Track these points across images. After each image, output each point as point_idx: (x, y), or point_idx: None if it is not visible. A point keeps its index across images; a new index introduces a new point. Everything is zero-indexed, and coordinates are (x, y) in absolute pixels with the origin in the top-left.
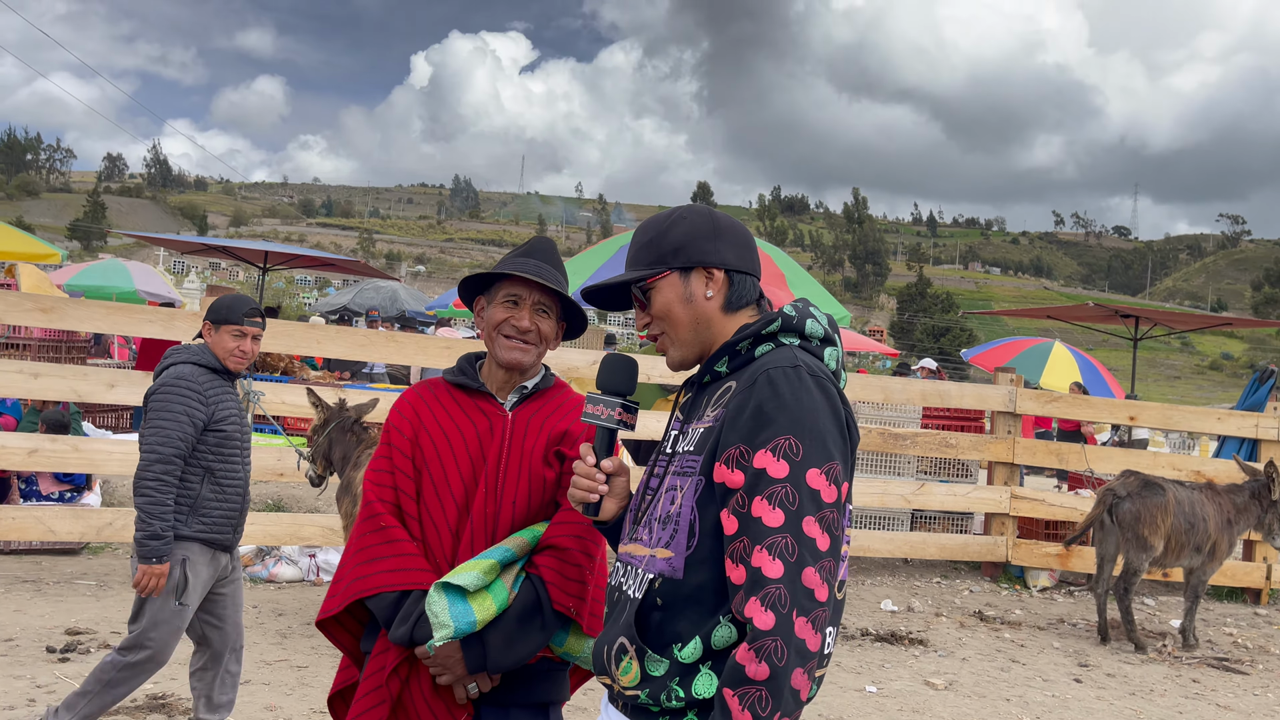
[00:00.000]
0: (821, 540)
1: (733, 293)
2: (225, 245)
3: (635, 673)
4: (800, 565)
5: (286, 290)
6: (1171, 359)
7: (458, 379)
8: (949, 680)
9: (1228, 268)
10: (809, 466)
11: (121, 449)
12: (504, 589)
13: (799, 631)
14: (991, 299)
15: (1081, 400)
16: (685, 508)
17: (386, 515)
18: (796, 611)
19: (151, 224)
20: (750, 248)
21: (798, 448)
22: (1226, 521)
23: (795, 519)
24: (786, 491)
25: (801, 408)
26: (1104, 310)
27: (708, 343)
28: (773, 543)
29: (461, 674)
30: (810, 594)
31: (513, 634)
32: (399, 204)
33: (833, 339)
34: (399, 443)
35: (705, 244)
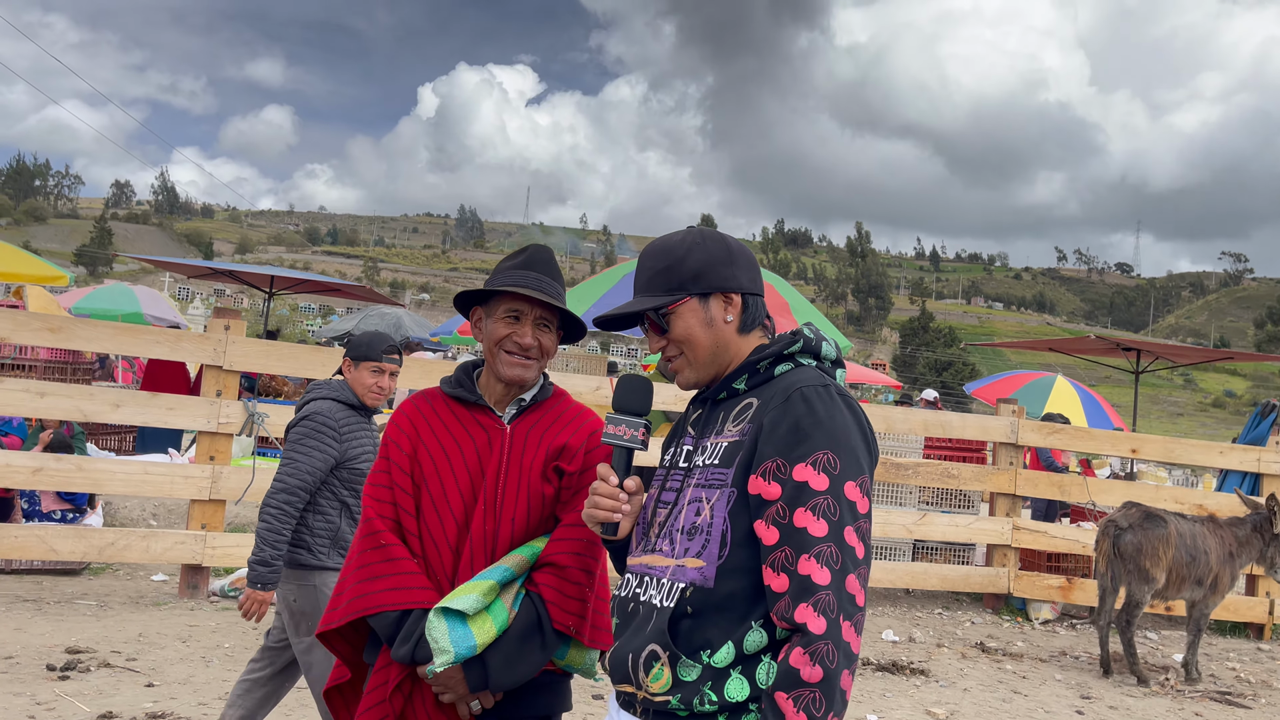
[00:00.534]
0: (859, 549)
1: (747, 315)
2: (231, 270)
3: (667, 679)
4: (844, 572)
5: (290, 318)
6: (1174, 395)
7: (455, 391)
8: (950, 710)
9: (1230, 305)
10: (846, 479)
11: (125, 469)
12: (504, 610)
13: (846, 635)
14: (994, 334)
15: (1084, 432)
16: (718, 519)
17: (387, 533)
18: (843, 616)
19: (158, 250)
20: (758, 269)
21: (835, 462)
22: (1228, 555)
23: (838, 529)
24: (828, 503)
25: (835, 424)
26: (1106, 343)
27: (723, 364)
28: (820, 551)
29: (464, 693)
30: (853, 599)
31: (513, 654)
32: (404, 233)
33: (841, 362)
34: (397, 458)
35: (724, 269)
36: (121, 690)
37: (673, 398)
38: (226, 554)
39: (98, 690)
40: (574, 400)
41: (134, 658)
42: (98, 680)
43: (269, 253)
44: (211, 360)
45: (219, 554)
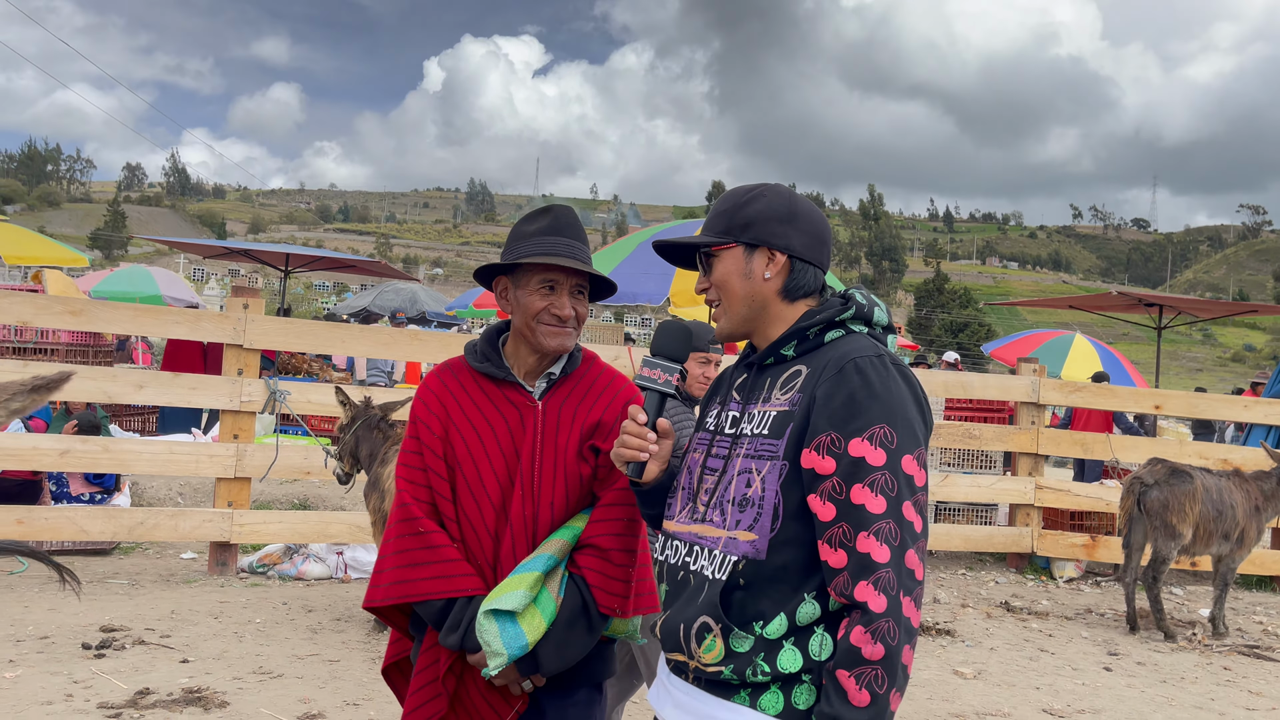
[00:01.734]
0: (917, 523)
1: (792, 280)
2: (246, 249)
3: (719, 650)
4: (903, 548)
5: (305, 296)
6: (1194, 351)
7: (483, 366)
8: (978, 669)
9: (1249, 259)
10: (904, 453)
11: (150, 449)
12: (551, 600)
13: (907, 611)
14: (1010, 293)
15: (1105, 389)
16: (769, 491)
17: (424, 519)
18: (903, 592)
19: (171, 232)
20: (823, 241)
21: (892, 436)
22: (1255, 509)
23: (896, 504)
24: (886, 479)
25: (892, 397)
26: (1128, 299)
27: (759, 323)
28: (879, 529)
29: (516, 678)
30: (912, 574)
31: (562, 641)
32: (415, 208)
33: (892, 328)
34: (429, 441)
35: (776, 226)
36: (157, 667)
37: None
38: (254, 531)
39: (133, 667)
40: (604, 365)
41: (168, 635)
42: (133, 658)
43: (281, 232)
44: (231, 339)
45: (246, 531)
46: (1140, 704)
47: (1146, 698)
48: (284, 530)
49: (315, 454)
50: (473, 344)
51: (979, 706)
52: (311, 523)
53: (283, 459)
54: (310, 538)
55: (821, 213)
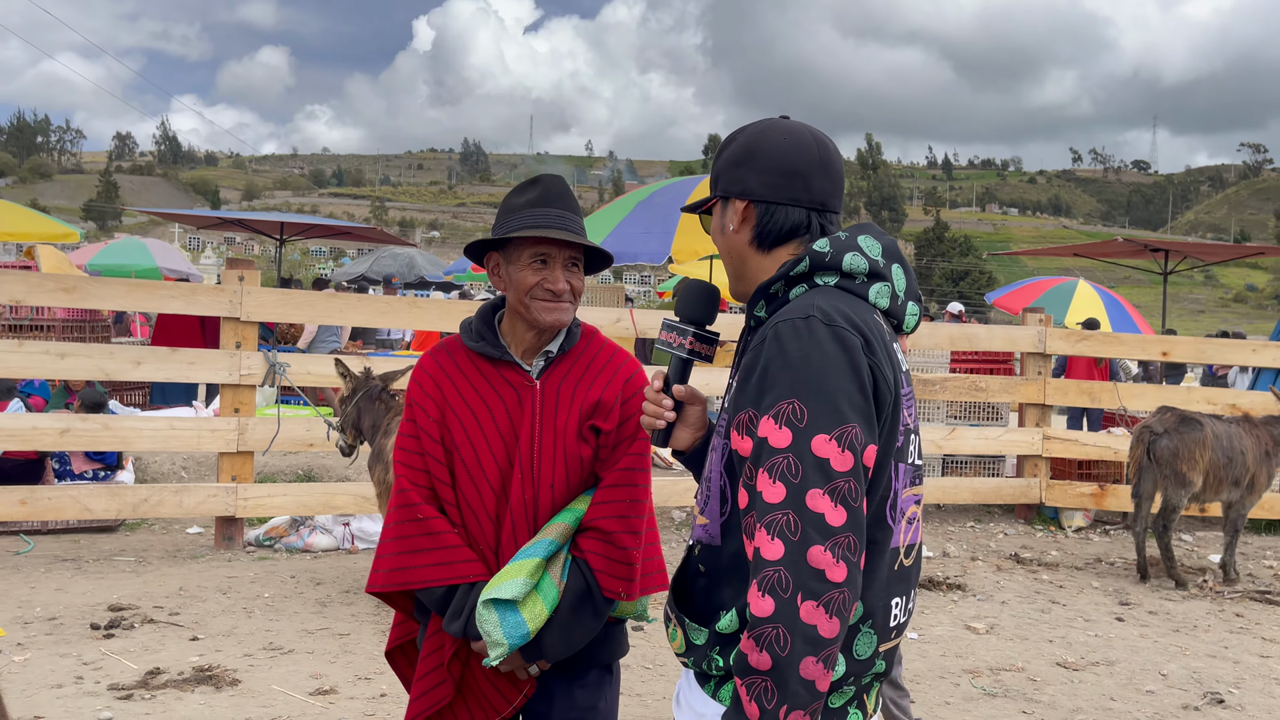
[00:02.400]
0: (833, 515)
1: (759, 226)
2: (241, 218)
3: (680, 640)
4: (805, 544)
5: (302, 262)
6: (1195, 293)
7: (478, 345)
8: (990, 624)
9: (1250, 198)
10: (816, 433)
11: (151, 426)
12: (553, 586)
13: (806, 617)
14: (1010, 240)
15: (1112, 337)
16: (715, 472)
17: (423, 505)
18: (801, 595)
19: (164, 201)
20: (795, 173)
21: (802, 412)
22: (1265, 454)
23: (798, 493)
24: (788, 462)
25: (809, 365)
26: (1133, 245)
27: (746, 280)
28: (771, 520)
29: (521, 664)
30: (819, 575)
31: (566, 627)
32: (409, 170)
33: (882, 272)
34: (425, 424)
35: (734, 170)
36: (166, 645)
37: None
38: (259, 504)
39: (143, 647)
40: (604, 339)
41: (176, 612)
42: (142, 637)
43: (276, 198)
44: (228, 312)
45: (251, 505)
46: (1154, 654)
47: (1160, 647)
48: (289, 503)
49: (318, 425)
50: (468, 322)
51: (992, 661)
52: (317, 494)
53: (285, 431)
54: (316, 510)
55: (806, 139)
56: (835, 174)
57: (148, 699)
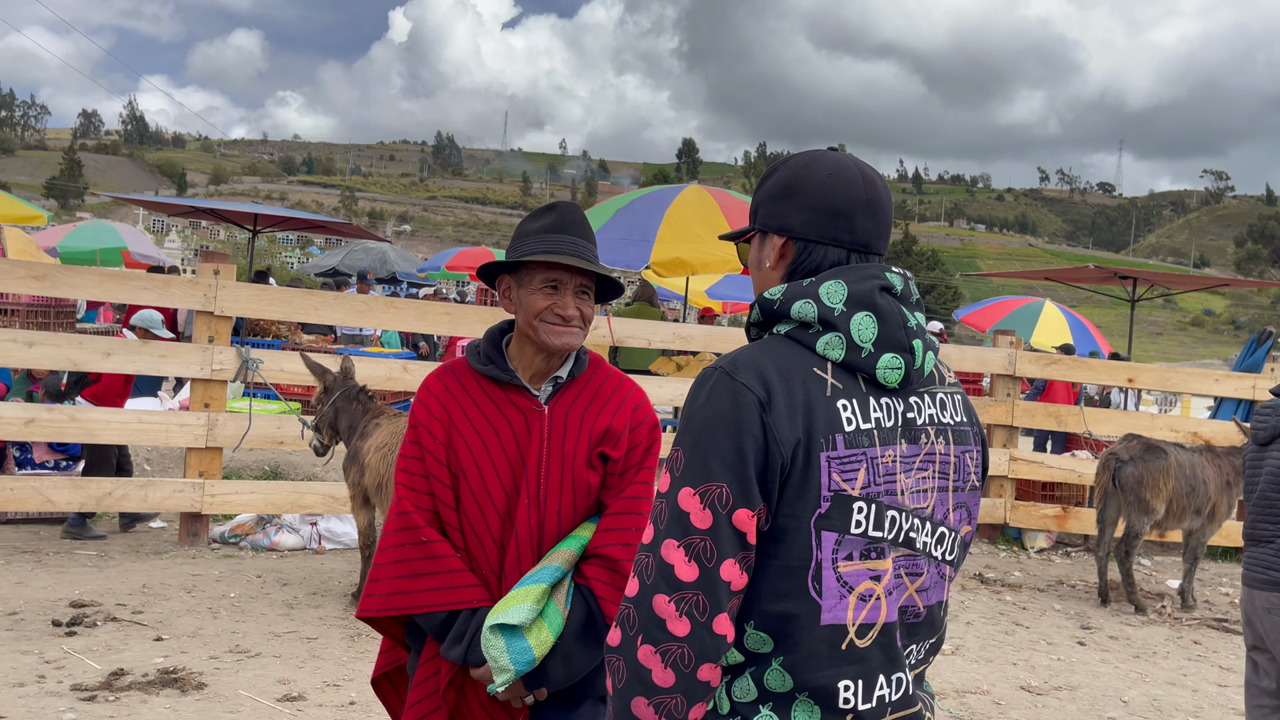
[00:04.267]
0: (684, 569)
1: (794, 265)
2: (214, 208)
3: None
4: (653, 590)
5: (269, 250)
6: (1154, 315)
7: (486, 369)
8: (956, 645)
9: (1211, 224)
10: (683, 485)
11: (118, 419)
12: (558, 613)
13: (643, 659)
14: (977, 256)
15: (1080, 362)
16: None
17: (426, 528)
18: (642, 638)
19: (129, 182)
20: (838, 213)
21: (680, 462)
22: (1226, 484)
23: (657, 540)
24: (660, 508)
25: (696, 418)
26: (1104, 272)
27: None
28: (638, 560)
29: (521, 693)
30: (660, 624)
31: (570, 655)
32: (380, 161)
33: (834, 322)
34: (431, 446)
35: (773, 205)
36: (130, 645)
37: (670, 334)
38: (226, 501)
39: (106, 646)
40: (610, 368)
41: (140, 610)
42: (105, 635)
43: (244, 183)
44: (203, 306)
45: (218, 502)
46: (1114, 679)
47: (1120, 673)
48: (257, 500)
49: (289, 423)
50: (474, 345)
51: (958, 683)
52: (285, 493)
53: (256, 428)
54: (284, 508)
55: (852, 176)
56: (882, 215)
57: (112, 701)
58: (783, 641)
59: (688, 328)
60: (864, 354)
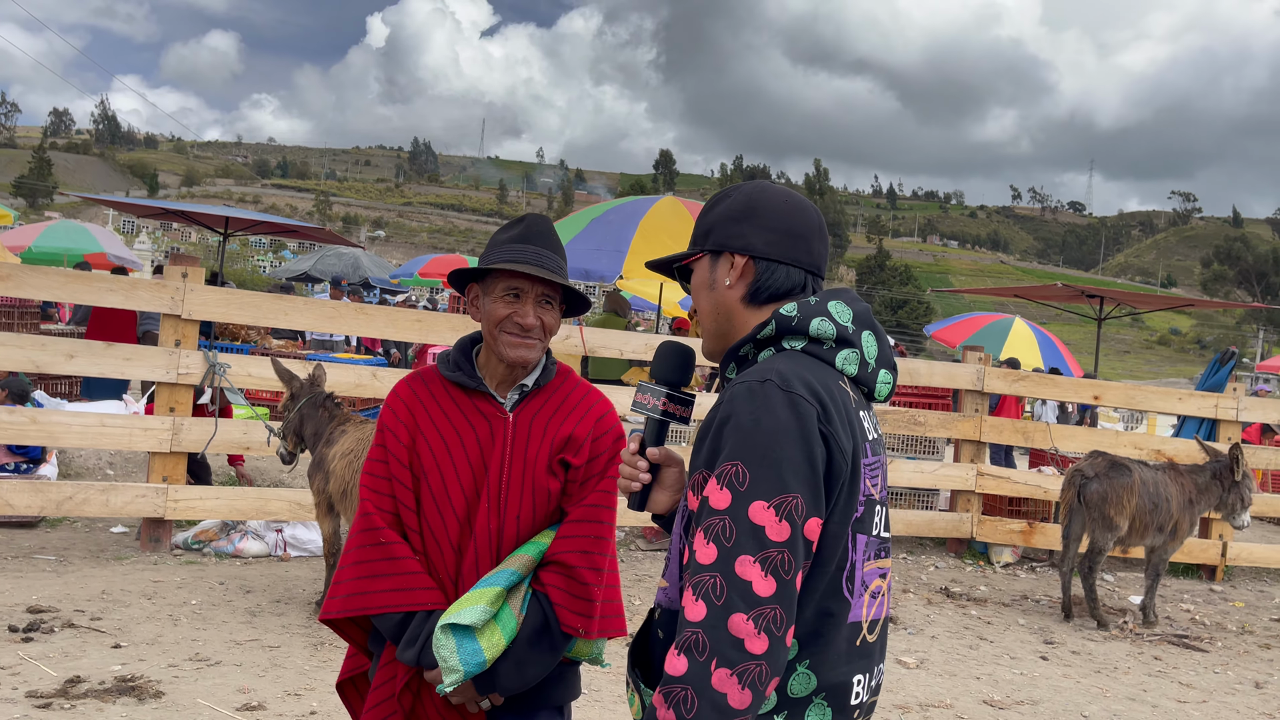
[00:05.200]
0: (761, 584)
1: (756, 283)
2: (185, 210)
3: (638, 707)
4: (727, 610)
5: (240, 253)
6: (1122, 333)
7: (454, 375)
8: (920, 658)
9: (1178, 244)
10: (754, 499)
11: (81, 421)
12: (512, 617)
13: (717, 684)
14: (949, 272)
15: (1047, 379)
16: (675, 534)
17: (386, 529)
18: (716, 661)
19: (100, 182)
20: (797, 235)
21: (744, 476)
22: (1188, 502)
23: (728, 557)
24: (723, 525)
25: (758, 430)
26: (1071, 290)
27: (729, 337)
28: (699, 582)
29: (474, 696)
30: (738, 644)
31: (522, 659)
32: (356, 166)
33: (850, 339)
34: (395, 449)
35: (733, 226)
36: (88, 652)
37: (643, 345)
38: (190, 507)
39: (63, 652)
40: (579, 379)
41: (98, 617)
42: (62, 642)
43: (217, 185)
44: (169, 309)
45: (182, 507)
46: (1076, 695)
47: (1082, 688)
48: (221, 507)
49: (255, 429)
50: (445, 353)
51: (922, 697)
52: (250, 499)
53: (222, 434)
54: (249, 515)
55: (804, 203)
56: (827, 241)
57: (67, 709)
58: (813, 643)
59: (660, 338)
60: (869, 369)
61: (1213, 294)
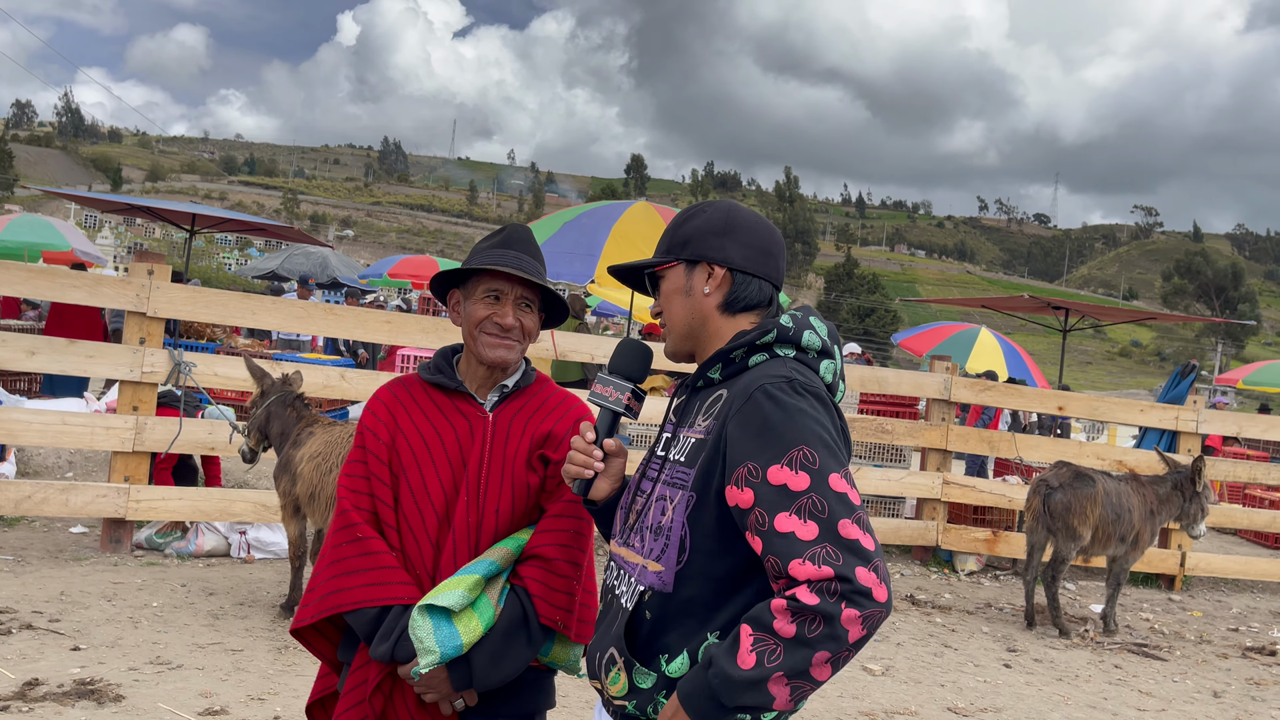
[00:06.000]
0: (865, 540)
1: (732, 293)
2: (151, 206)
3: (623, 683)
4: (849, 567)
5: (206, 250)
6: (1084, 344)
7: (434, 377)
8: (886, 666)
9: (1140, 258)
10: (829, 472)
11: (41, 420)
12: (490, 606)
13: (845, 623)
14: (916, 281)
15: (1012, 390)
16: (676, 522)
17: (363, 525)
18: (845, 604)
19: (62, 175)
20: (769, 253)
21: (813, 457)
22: (1150, 512)
23: (831, 525)
24: (813, 502)
25: (807, 418)
26: (1038, 301)
27: (700, 340)
28: (814, 554)
29: (447, 692)
30: (867, 592)
31: (499, 651)
32: (325, 164)
33: (830, 351)
34: (374, 447)
35: (713, 239)
36: (46, 655)
37: None
38: (152, 507)
39: (20, 655)
40: (556, 387)
41: (57, 618)
42: (20, 644)
43: (183, 181)
44: (134, 307)
45: (144, 508)
46: (1038, 702)
47: (1044, 696)
48: (184, 507)
49: (220, 428)
50: (427, 361)
51: (887, 705)
52: (214, 500)
53: (186, 433)
54: (213, 516)
55: (770, 225)
56: (785, 260)
57: (25, 712)
58: None
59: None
60: (837, 379)
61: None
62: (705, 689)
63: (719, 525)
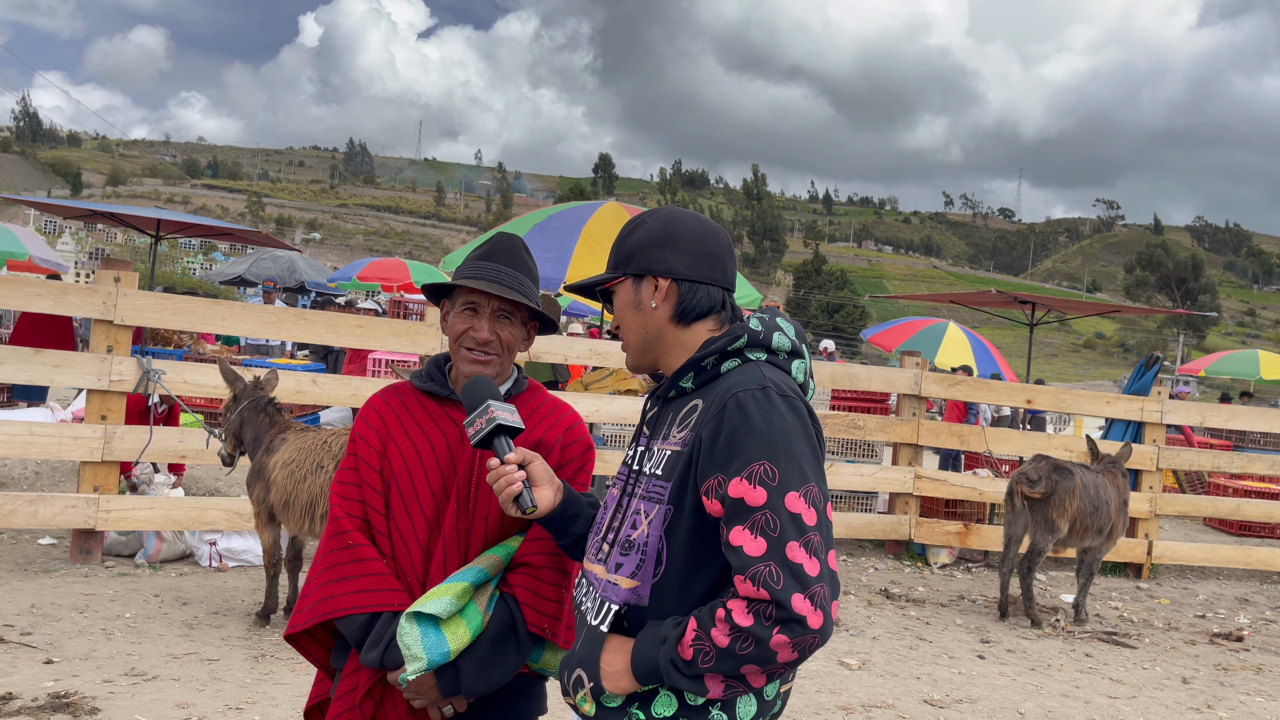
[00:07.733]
0: (810, 565)
1: (681, 303)
2: (114, 212)
3: (591, 706)
4: (787, 592)
5: (170, 254)
6: (1049, 337)
7: (426, 385)
8: (862, 660)
9: (1102, 251)
10: (787, 491)
11: (7, 429)
12: (478, 613)
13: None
14: (884, 277)
15: (981, 384)
16: (653, 536)
17: (354, 532)
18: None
19: (19, 180)
20: (713, 256)
21: (773, 473)
22: (1123, 503)
23: (778, 546)
24: (766, 519)
25: (773, 431)
26: (1005, 296)
27: (658, 353)
28: (755, 573)
29: (436, 699)
30: (801, 620)
31: (487, 659)
32: (289, 167)
33: (800, 351)
34: (366, 455)
35: (653, 251)
36: (19, 668)
37: (587, 350)
38: (122, 518)
39: None
40: (549, 395)
41: (28, 632)
42: None
43: (144, 185)
44: (101, 315)
45: (114, 518)
46: (1012, 692)
47: (1017, 686)
48: (156, 517)
49: (191, 436)
50: (419, 369)
51: (865, 698)
52: (186, 509)
53: (157, 441)
54: (185, 525)
55: (715, 226)
56: (734, 259)
57: None
58: None
59: (605, 344)
60: (808, 378)
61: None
62: (653, 662)
63: (696, 538)
